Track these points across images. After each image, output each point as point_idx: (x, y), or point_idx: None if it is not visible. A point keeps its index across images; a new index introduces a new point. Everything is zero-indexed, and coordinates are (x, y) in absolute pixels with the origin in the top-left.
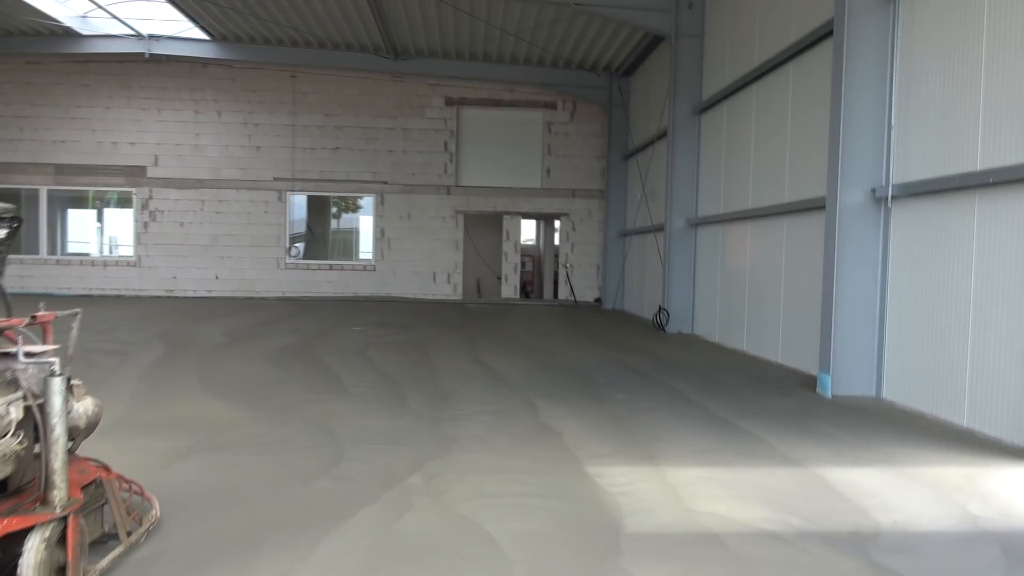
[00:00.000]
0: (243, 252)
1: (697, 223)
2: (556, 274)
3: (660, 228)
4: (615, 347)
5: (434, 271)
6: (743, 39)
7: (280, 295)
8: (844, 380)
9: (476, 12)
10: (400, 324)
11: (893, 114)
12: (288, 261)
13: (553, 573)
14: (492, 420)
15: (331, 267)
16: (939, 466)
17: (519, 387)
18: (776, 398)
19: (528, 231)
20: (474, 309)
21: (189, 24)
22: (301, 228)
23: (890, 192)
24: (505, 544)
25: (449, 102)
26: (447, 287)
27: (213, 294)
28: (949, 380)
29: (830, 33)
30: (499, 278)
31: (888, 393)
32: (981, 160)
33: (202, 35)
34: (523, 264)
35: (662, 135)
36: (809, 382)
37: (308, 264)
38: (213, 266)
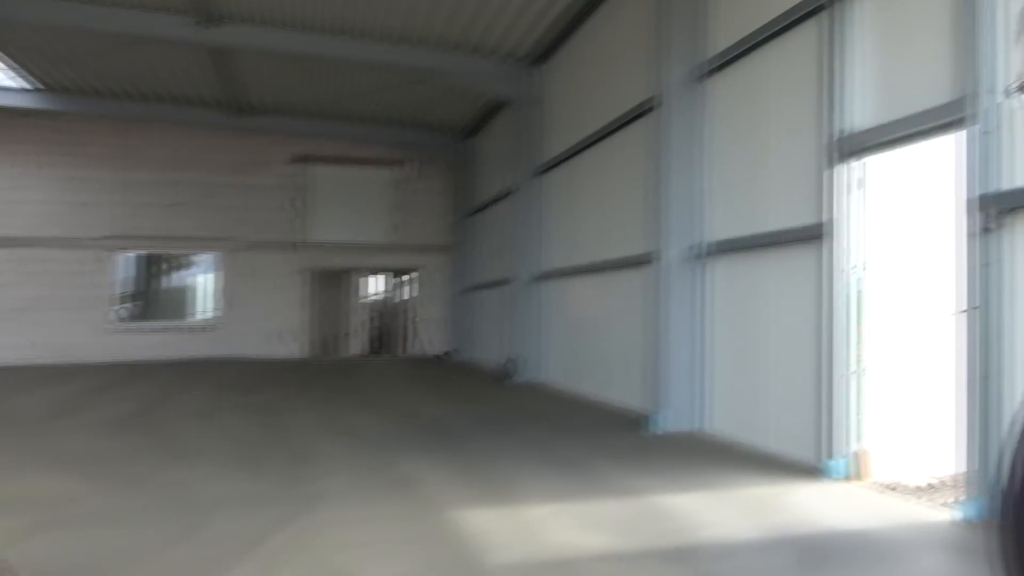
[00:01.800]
0: (65, 315)
1: (540, 277)
2: (405, 329)
3: (506, 282)
4: (467, 399)
5: (279, 330)
6: (579, 108)
7: (108, 360)
8: (673, 418)
9: (323, 73)
10: (246, 386)
11: (706, 179)
12: (117, 324)
13: None
14: (352, 477)
15: (165, 328)
16: (750, 487)
17: (375, 444)
18: (616, 437)
19: (377, 286)
20: (322, 367)
21: (7, 72)
22: (131, 288)
23: (705, 249)
24: None
25: (295, 159)
26: (293, 345)
27: (27, 362)
28: (758, 412)
29: (651, 108)
30: (347, 334)
31: (711, 426)
32: (773, 221)
33: (23, 83)
34: (372, 319)
35: (507, 193)
36: (644, 420)
37: (140, 326)
38: (28, 331)
